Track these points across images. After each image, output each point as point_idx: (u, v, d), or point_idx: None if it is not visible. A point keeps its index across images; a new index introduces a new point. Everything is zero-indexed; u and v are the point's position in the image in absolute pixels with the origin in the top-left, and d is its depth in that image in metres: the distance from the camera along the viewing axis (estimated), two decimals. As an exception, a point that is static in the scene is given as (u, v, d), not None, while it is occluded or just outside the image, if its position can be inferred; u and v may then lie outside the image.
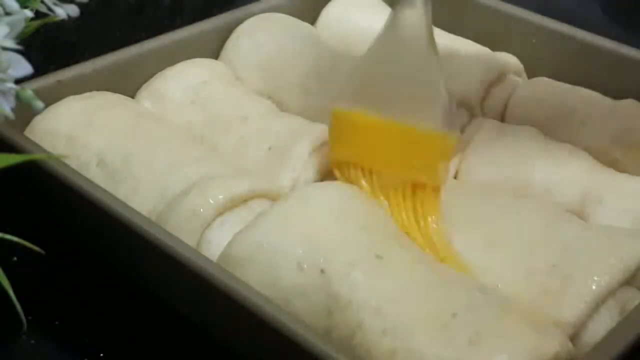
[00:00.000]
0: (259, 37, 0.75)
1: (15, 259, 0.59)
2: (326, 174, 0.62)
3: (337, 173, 0.59)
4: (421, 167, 0.57)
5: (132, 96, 0.70)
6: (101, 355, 0.56)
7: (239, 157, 0.64)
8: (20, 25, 0.42)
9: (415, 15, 0.56)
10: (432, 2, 0.56)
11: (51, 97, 0.65)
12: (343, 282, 0.50)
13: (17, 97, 0.42)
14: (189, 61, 0.73)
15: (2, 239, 0.44)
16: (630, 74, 0.71)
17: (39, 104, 0.43)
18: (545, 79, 0.73)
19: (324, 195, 0.56)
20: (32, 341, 0.56)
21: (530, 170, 0.62)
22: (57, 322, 0.58)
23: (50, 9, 0.46)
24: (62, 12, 0.46)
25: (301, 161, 0.61)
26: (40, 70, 0.51)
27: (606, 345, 0.47)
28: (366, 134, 0.58)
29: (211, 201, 0.56)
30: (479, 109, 0.71)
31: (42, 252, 0.46)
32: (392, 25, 0.57)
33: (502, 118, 0.71)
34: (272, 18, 0.78)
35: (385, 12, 0.81)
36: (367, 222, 0.54)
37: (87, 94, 0.67)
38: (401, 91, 0.57)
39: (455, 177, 0.64)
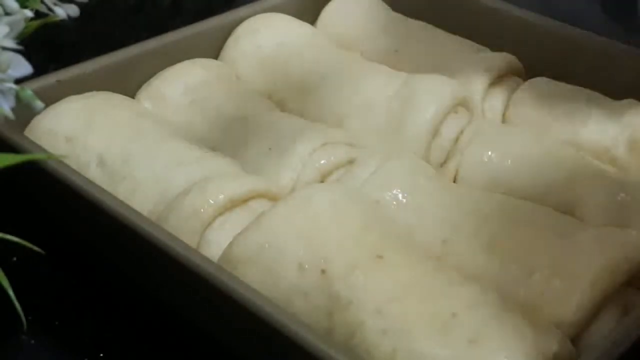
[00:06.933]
0: (259, 37, 0.75)
1: (15, 259, 0.59)
2: (326, 174, 0.62)
3: None
4: None
5: (132, 96, 0.70)
6: (101, 355, 0.56)
7: (239, 157, 0.64)
8: (20, 25, 0.42)
9: None
10: (433, 2, 0.56)
11: (51, 97, 0.65)
12: (343, 282, 0.50)
13: (17, 97, 0.42)
14: (189, 61, 0.73)
15: (2, 239, 0.44)
16: (630, 74, 0.71)
17: (39, 104, 0.43)
18: (545, 79, 0.73)
19: (325, 196, 0.55)
20: (32, 341, 0.56)
21: (530, 170, 0.62)
22: (57, 322, 0.58)
23: (50, 9, 0.45)
24: (62, 12, 0.45)
25: (301, 161, 0.61)
26: (40, 70, 0.51)
27: (607, 345, 0.47)
28: None
29: (211, 201, 0.56)
30: (479, 109, 0.70)
31: (42, 252, 0.46)
32: None
33: (502, 118, 0.71)
34: (272, 18, 0.78)
35: (385, 12, 0.82)
36: (367, 222, 0.54)
37: (87, 94, 0.67)
38: None
39: (455, 178, 0.64)
